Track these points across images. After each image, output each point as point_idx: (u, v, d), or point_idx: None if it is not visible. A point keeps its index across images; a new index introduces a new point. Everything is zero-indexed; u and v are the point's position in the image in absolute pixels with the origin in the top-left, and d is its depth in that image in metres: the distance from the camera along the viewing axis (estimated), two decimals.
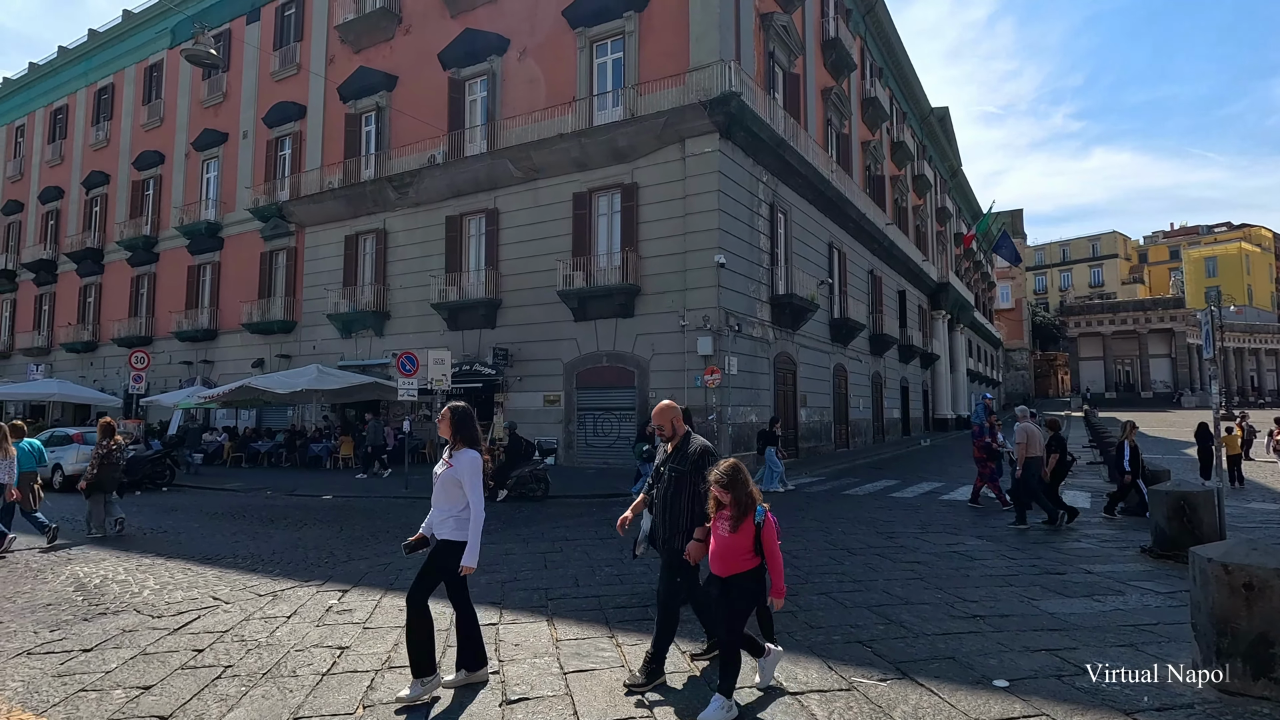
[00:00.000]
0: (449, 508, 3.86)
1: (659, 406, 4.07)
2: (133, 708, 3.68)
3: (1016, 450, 8.90)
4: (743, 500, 3.41)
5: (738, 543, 3.44)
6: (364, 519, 10.33)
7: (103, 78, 31.56)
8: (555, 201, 19.19)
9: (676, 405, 4.11)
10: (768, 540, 3.46)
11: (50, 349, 31.30)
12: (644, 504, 4.38)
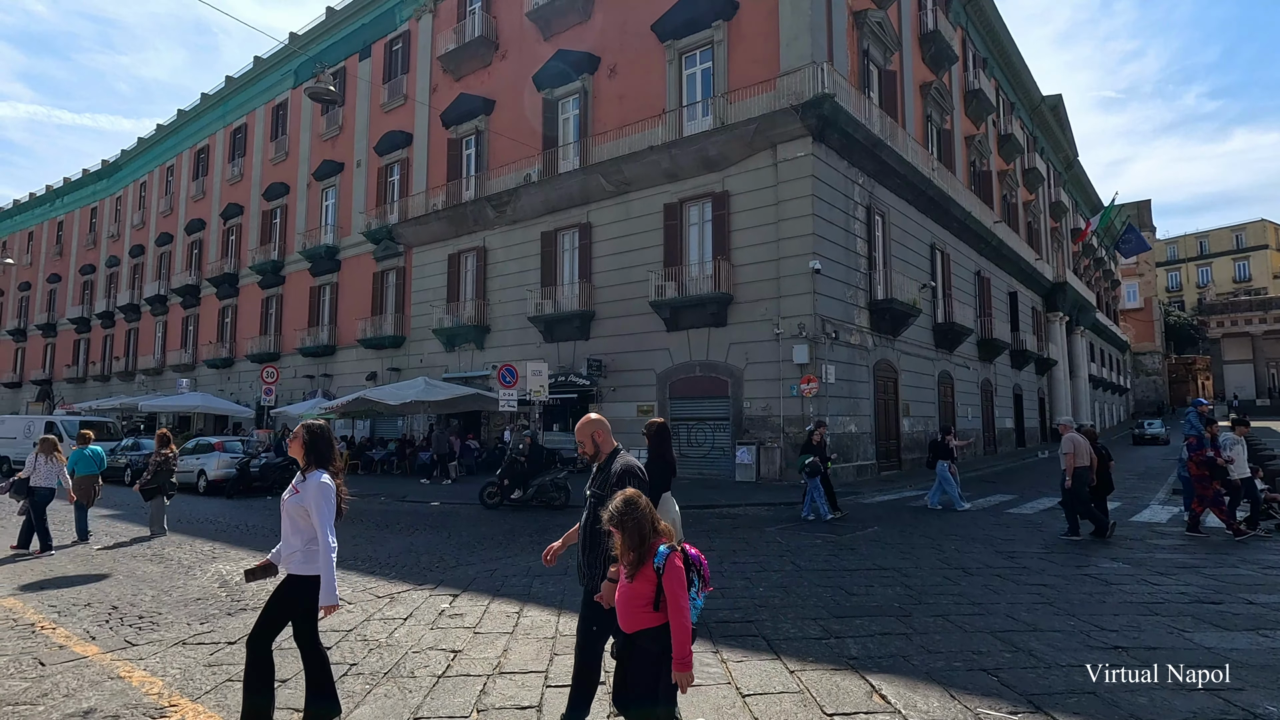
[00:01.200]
0: (296, 539, 3.49)
1: (580, 420, 3.64)
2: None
3: (1064, 460, 8.95)
4: (636, 540, 2.79)
5: (636, 591, 2.82)
6: (469, 525, 10.74)
7: (237, 119, 34.86)
8: (646, 213, 19.38)
9: (601, 419, 3.62)
10: (669, 590, 2.75)
11: (195, 365, 34.70)
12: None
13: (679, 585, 2.76)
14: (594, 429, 3.57)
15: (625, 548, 2.82)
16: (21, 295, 50.39)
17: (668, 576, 2.75)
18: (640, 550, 2.80)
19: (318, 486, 3.46)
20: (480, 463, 20.96)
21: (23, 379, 48.25)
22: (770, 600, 5.81)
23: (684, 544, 2.92)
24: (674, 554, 2.79)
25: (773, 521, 10.64)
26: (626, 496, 2.88)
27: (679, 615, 2.74)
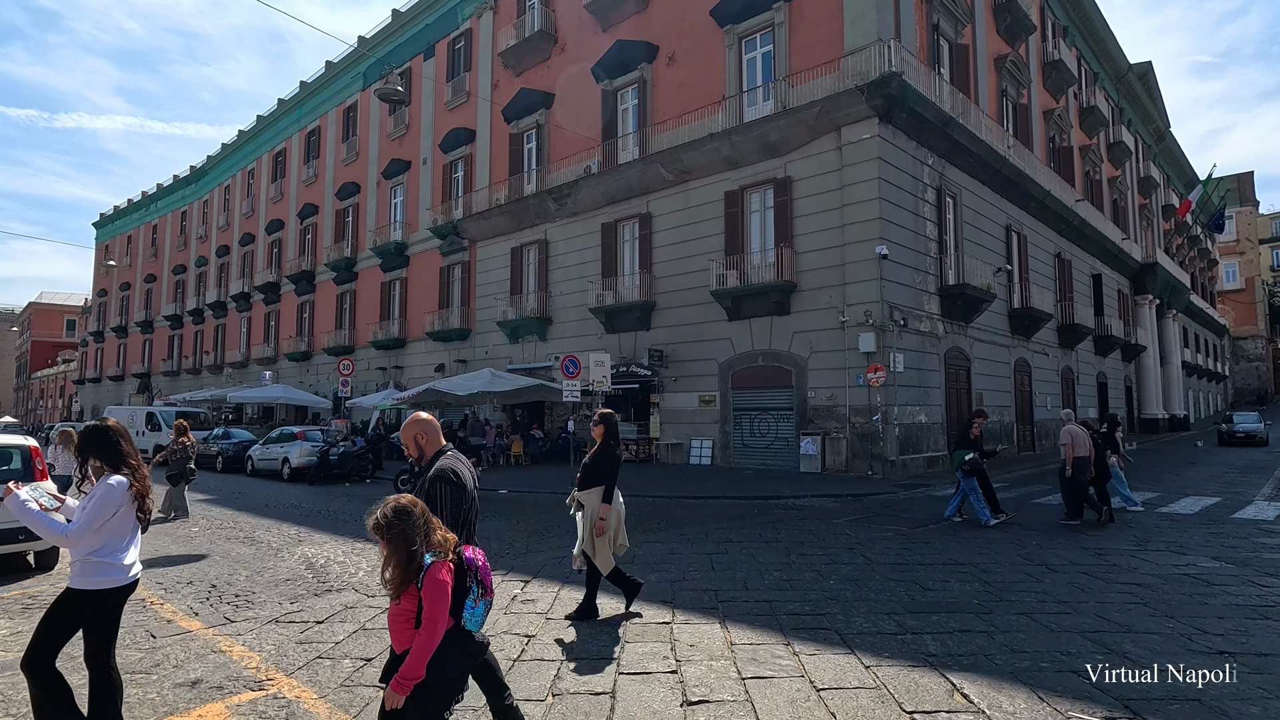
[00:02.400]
0: (80, 549, 3.18)
1: (406, 420, 3.37)
2: (359, 676, 4.16)
3: (1064, 450, 9.41)
4: (404, 553, 2.51)
5: (403, 607, 2.57)
6: (536, 513, 10.96)
7: (311, 122, 36.39)
8: (706, 202, 19.22)
9: (426, 420, 3.33)
10: (424, 602, 2.50)
11: (276, 359, 36.59)
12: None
13: (434, 598, 2.50)
14: (416, 430, 3.29)
15: (389, 560, 2.54)
16: (122, 295, 54.26)
17: (425, 588, 2.51)
18: (408, 564, 2.53)
19: (104, 491, 3.12)
20: (544, 452, 21.37)
21: (125, 372, 52.02)
22: (841, 593, 5.71)
23: (464, 547, 2.70)
24: (438, 564, 2.54)
25: (840, 513, 10.43)
26: (399, 504, 2.60)
27: (427, 630, 2.49)
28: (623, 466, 15.32)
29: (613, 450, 5.35)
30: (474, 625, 2.69)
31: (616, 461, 5.36)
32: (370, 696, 3.84)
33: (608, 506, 5.18)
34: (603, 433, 5.37)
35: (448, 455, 3.20)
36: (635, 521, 9.83)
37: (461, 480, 3.08)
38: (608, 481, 5.21)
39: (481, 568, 2.70)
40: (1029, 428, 22.36)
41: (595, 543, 5.17)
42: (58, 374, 70.45)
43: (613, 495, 5.24)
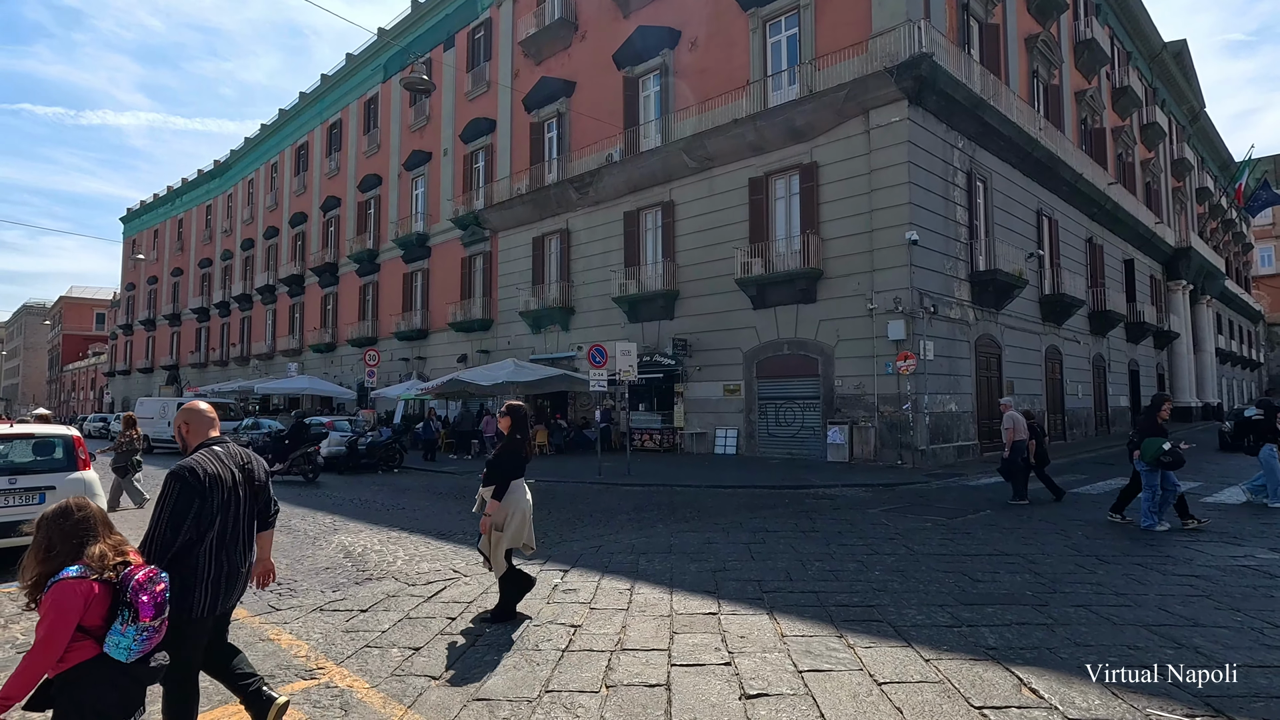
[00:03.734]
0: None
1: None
2: (409, 665, 4.13)
3: (1005, 435, 10.18)
4: (42, 554, 2.27)
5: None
6: (567, 503, 10.94)
7: (333, 115, 36.55)
8: (730, 189, 19.00)
9: (194, 409, 3.09)
10: (40, 620, 2.19)
11: (301, 350, 37.00)
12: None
13: (46, 617, 2.17)
14: (182, 419, 3.06)
15: (29, 560, 2.26)
16: (150, 289, 55.14)
17: (41, 604, 2.19)
18: (38, 571, 2.25)
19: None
20: (569, 442, 21.38)
21: (154, 365, 52.95)
22: (888, 585, 5.59)
23: (137, 567, 2.38)
24: (69, 581, 2.21)
25: (874, 503, 10.28)
26: (65, 503, 2.34)
27: (33, 650, 2.16)
28: (649, 456, 15.30)
29: (516, 445, 5.02)
30: (119, 654, 2.30)
31: (517, 456, 4.99)
32: (423, 687, 3.81)
33: (495, 503, 4.87)
34: (509, 425, 5.06)
35: (203, 450, 2.91)
36: (666, 511, 9.79)
37: (200, 481, 2.74)
38: (498, 477, 4.88)
39: (135, 588, 2.31)
40: (1060, 416, 21.95)
41: (491, 541, 4.90)
42: (88, 366, 71.93)
43: (505, 492, 4.88)
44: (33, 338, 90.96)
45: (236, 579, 2.98)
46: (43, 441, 7.31)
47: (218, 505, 2.83)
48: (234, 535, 2.93)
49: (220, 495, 2.84)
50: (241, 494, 2.97)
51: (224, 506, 2.86)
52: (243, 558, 3.01)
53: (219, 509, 2.83)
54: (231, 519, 2.91)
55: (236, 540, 2.94)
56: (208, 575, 2.82)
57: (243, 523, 2.99)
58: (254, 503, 3.09)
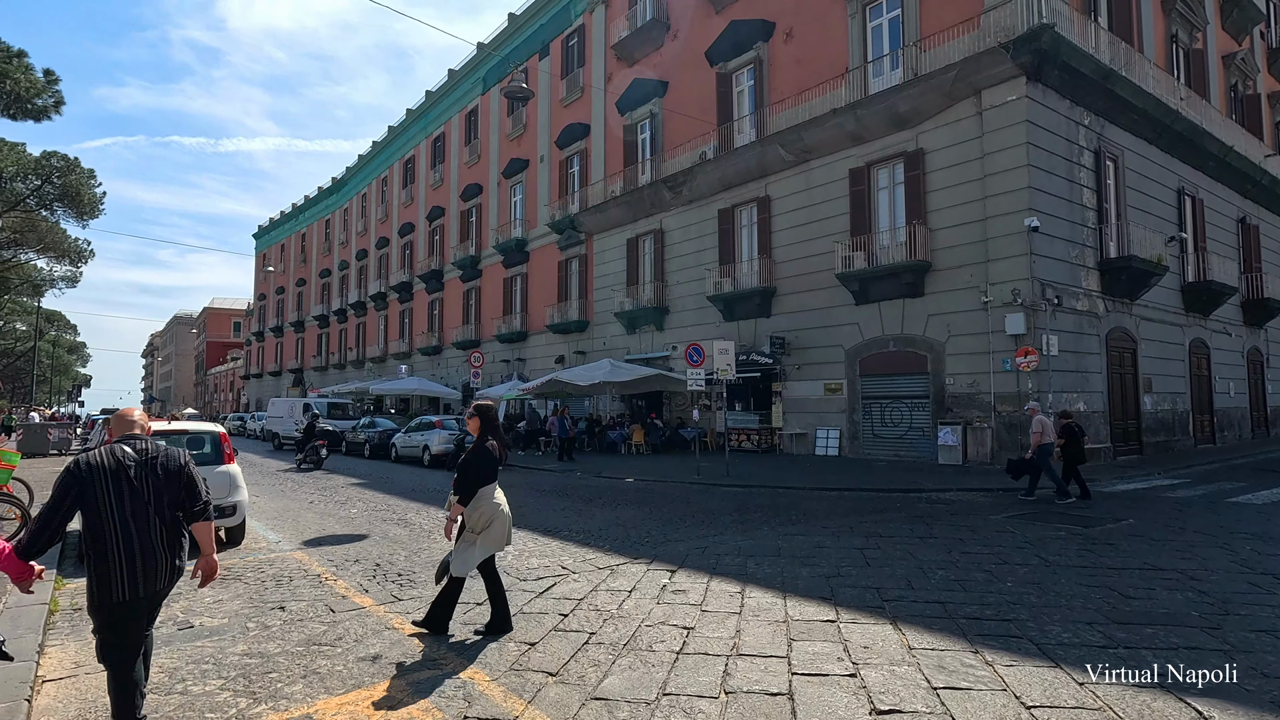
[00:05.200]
0: None
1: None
2: (525, 661, 4.18)
3: (1033, 438, 10.56)
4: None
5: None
6: (667, 503, 10.89)
7: (436, 128, 38.40)
8: (829, 181, 18.39)
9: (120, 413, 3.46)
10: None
11: (410, 353, 39.09)
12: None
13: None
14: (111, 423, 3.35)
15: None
16: (278, 298, 60.04)
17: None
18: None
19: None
20: (664, 441, 21.38)
21: (282, 368, 57.60)
22: (1024, 598, 5.15)
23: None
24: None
25: (995, 508, 9.59)
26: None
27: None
28: (746, 457, 15.01)
29: (483, 446, 4.78)
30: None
31: (487, 459, 4.73)
32: (540, 683, 3.84)
33: (460, 506, 4.65)
34: (477, 426, 4.88)
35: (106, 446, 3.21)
36: (769, 513, 9.54)
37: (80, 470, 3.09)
38: (465, 485, 4.65)
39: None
40: (1208, 417, 19.77)
41: (458, 544, 4.69)
42: (228, 370, 79.22)
43: (471, 495, 4.65)
44: (182, 345, 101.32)
45: (155, 565, 3.16)
46: (195, 437, 8.03)
47: (105, 493, 3.09)
48: (141, 523, 3.13)
49: (105, 484, 3.10)
50: (141, 485, 3.17)
51: (117, 495, 3.11)
52: (161, 546, 3.19)
53: (108, 497, 3.09)
54: (133, 507, 3.13)
55: (146, 528, 3.15)
56: (119, 560, 3.07)
57: (150, 512, 3.18)
58: (168, 493, 3.25)
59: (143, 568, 3.12)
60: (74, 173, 33.42)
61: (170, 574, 3.26)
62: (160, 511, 3.23)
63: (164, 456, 3.33)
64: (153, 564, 3.16)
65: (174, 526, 3.30)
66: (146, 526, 3.16)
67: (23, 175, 31.98)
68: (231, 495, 7.71)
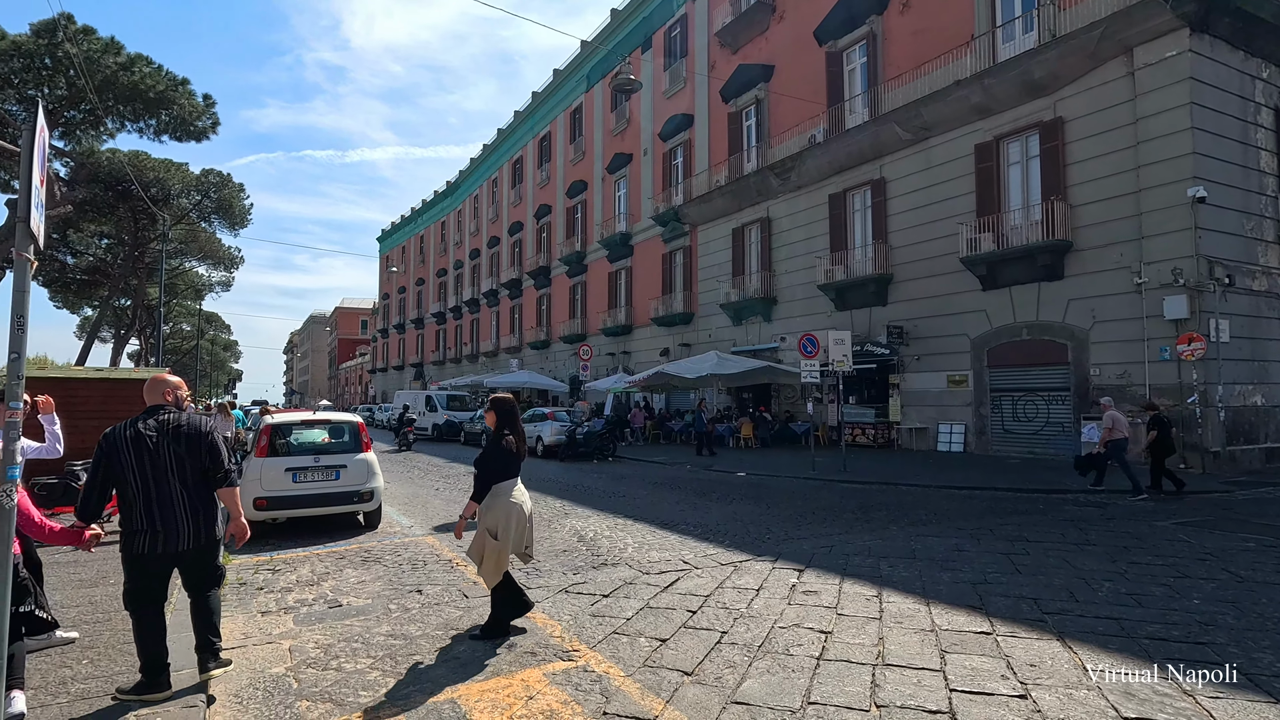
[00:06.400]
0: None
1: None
2: (658, 657, 4.09)
3: (1104, 434, 10.44)
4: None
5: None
6: (784, 499, 10.57)
7: (543, 129, 39.43)
8: (951, 159, 17.20)
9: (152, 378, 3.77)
10: None
11: (520, 347, 40.50)
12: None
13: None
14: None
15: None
16: (400, 297, 64.02)
17: None
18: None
19: None
20: (774, 435, 20.88)
21: (404, 363, 61.42)
22: (1218, 618, 4.50)
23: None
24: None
25: (1160, 514, 8.57)
26: None
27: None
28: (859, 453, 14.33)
29: (500, 442, 4.57)
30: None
31: (504, 454, 4.55)
32: (677, 682, 3.74)
33: (474, 505, 4.49)
34: (494, 421, 4.66)
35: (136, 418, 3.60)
36: (896, 512, 9.02)
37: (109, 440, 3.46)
38: (480, 480, 4.48)
39: None
40: None
41: (484, 548, 4.44)
42: (356, 365, 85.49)
43: (484, 493, 4.47)
44: (317, 342, 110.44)
45: (175, 527, 3.46)
46: (337, 427, 8.59)
47: (130, 459, 3.43)
48: (161, 487, 3.46)
49: (127, 453, 3.43)
50: (161, 453, 3.49)
51: (138, 462, 3.44)
52: (183, 508, 3.49)
53: (135, 462, 3.43)
54: (153, 474, 3.46)
55: (167, 492, 3.47)
56: (141, 521, 3.43)
57: (173, 476, 3.49)
58: (190, 459, 3.54)
59: (163, 528, 3.44)
60: (227, 187, 37.07)
61: (194, 536, 3.53)
62: (183, 477, 3.53)
63: (187, 426, 3.63)
64: (173, 526, 3.47)
65: (198, 491, 3.58)
66: (167, 491, 3.48)
67: (187, 191, 35.83)
68: (369, 481, 8.18)
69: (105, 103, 19.74)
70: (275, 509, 7.68)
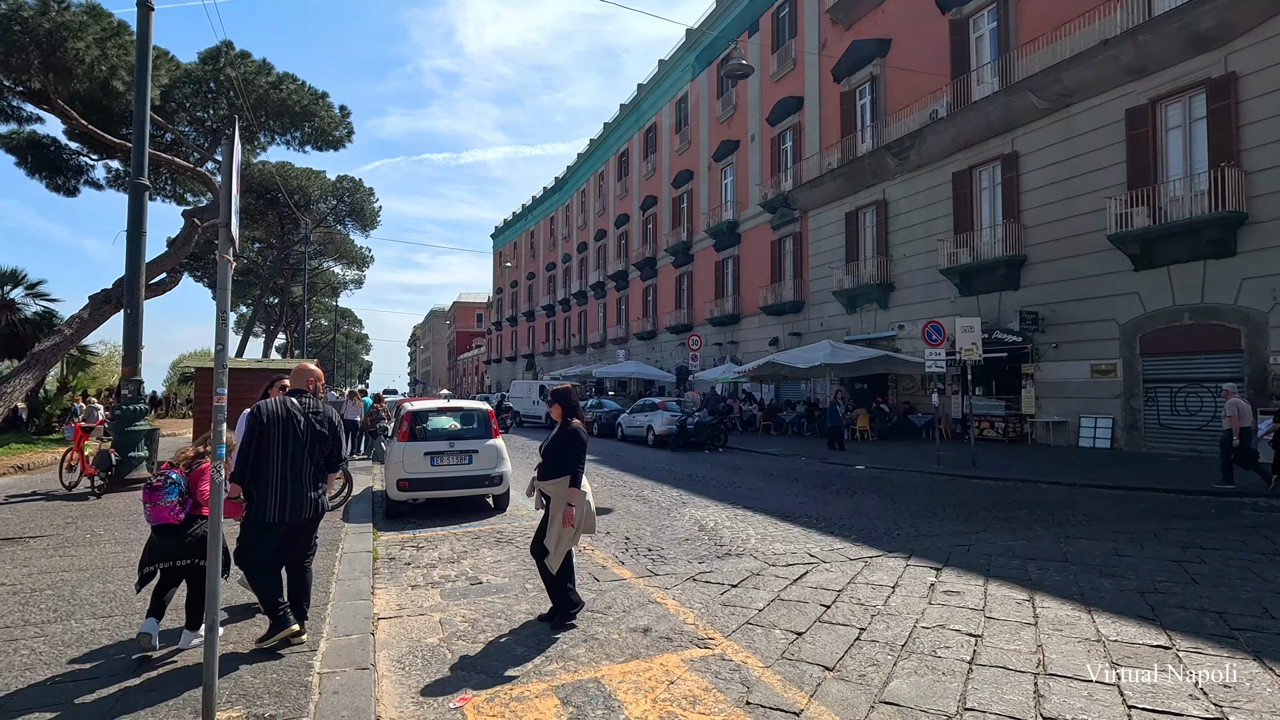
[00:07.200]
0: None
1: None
2: (796, 650, 4.03)
3: (1228, 421, 9.83)
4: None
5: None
6: (909, 494, 10.10)
7: (648, 120, 39.61)
8: (1096, 126, 15.68)
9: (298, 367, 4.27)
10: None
11: (627, 338, 41.07)
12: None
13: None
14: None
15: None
16: (512, 291, 66.65)
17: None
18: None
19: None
20: (891, 427, 20.00)
21: (517, 354, 63.97)
22: None
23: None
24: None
25: None
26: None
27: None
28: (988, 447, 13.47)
29: (574, 431, 4.60)
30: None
31: (581, 442, 4.58)
32: (819, 677, 3.66)
33: (576, 491, 4.48)
34: (560, 412, 4.69)
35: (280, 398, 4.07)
36: (1038, 511, 8.39)
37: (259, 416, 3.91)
38: (574, 466, 4.50)
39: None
40: None
41: (559, 535, 4.46)
42: (473, 357, 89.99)
43: (580, 480, 4.52)
44: (437, 335, 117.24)
45: (302, 500, 3.92)
46: (468, 414, 9.07)
47: (275, 435, 3.85)
48: (295, 464, 3.91)
49: (276, 429, 3.88)
50: (302, 433, 3.95)
51: (283, 438, 3.89)
52: (308, 484, 3.95)
53: (277, 439, 3.86)
54: (293, 450, 3.91)
55: (300, 469, 3.91)
56: (275, 490, 3.85)
57: (304, 456, 3.94)
58: (315, 444, 4.01)
59: (292, 499, 3.89)
60: (359, 192, 39.99)
61: (313, 508, 4.00)
62: (313, 456, 4.01)
63: (323, 413, 4.11)
64: (300, 498, 3.92)
65: (319, 471, 4.05)
66: (300, 467, 3.93)
67: (324, 196, 39.00)
68: (499, 466, 8.59)
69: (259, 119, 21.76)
70: (416, 490, 8.23)
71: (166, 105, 20.29)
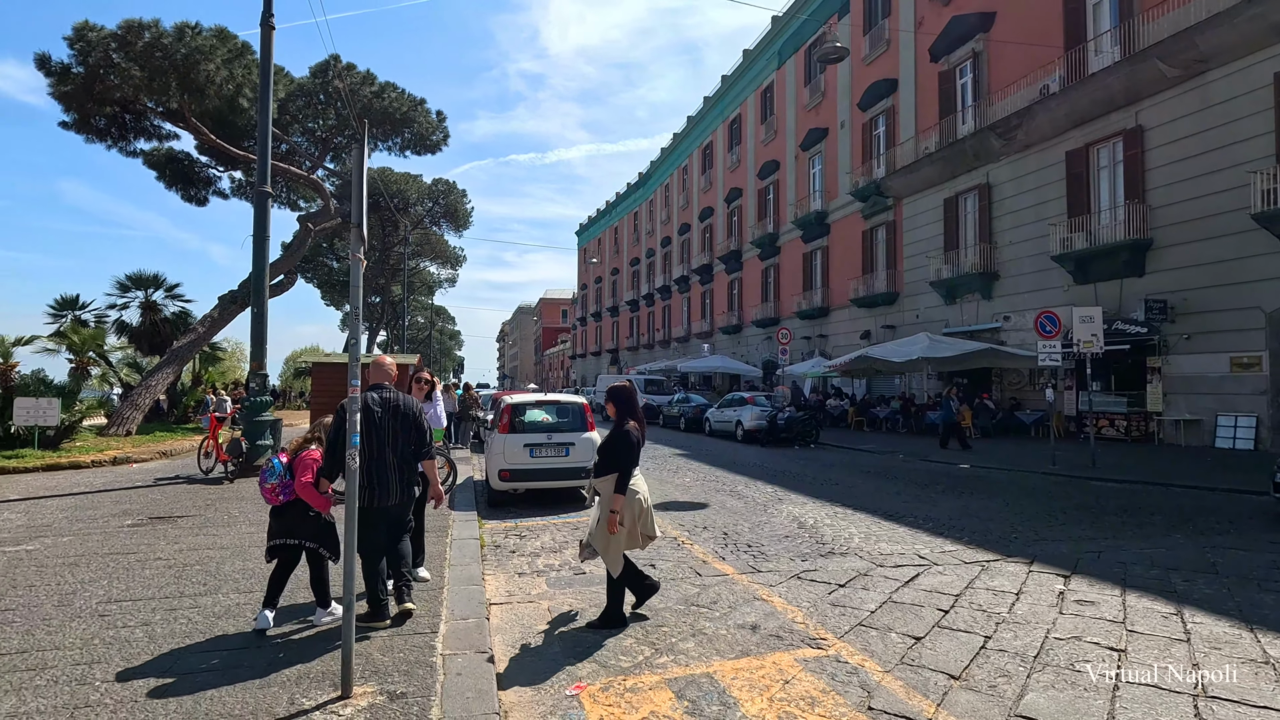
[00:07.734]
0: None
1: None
2: (915, 656, 3.85)
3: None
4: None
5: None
6: (1022, 495, 9.50)
7: (732, 112, 39.11)
8: (1237, 94, 14.21)
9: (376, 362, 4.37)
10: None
11: (712, 332, 40.82)
12: None
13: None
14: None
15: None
16: (597, 287, 67.63)
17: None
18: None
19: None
20: (996, 424, 18.91)
21: (601, 349, 64.90)
22: None
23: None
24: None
25: None
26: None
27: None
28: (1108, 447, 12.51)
29: (627, 430, 4.43)
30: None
31: (631, 444, 4.39)
32: (944, 685, 3.48)
33: (620, 497, 4.31)
34: (615, 411, 4.58)
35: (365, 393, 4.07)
36: (1176, 518, 7.70)
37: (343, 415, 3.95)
38: (622, 467, 4.34)
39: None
40: None
41: (608, 540, 4.34)
42: (558, 352, 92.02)
43: (627, 484, 4.34)
44: (524, 331, 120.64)
45: (387, 486, 4.12)
46: (564, 407, 9.24)
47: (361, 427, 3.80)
48: (380, 454, 4.09)
49: (362, 420, 3.83)
50: (383, 425, 4.12)
51: (367, 430, 4.01)
52: (394, 473, 4.14)
53: (364, 429, 3.92)
54: (378, 441, 4.08)
55: (384, 458, 4.11)
56: (364, 477, 3.98)
57: (389, 446, 4.12)
58: (402, 433, 4.17)
59: (378, 487, 4.09)
60: (453, 194, 41.66)
61: (401, 495, 4.19)
62: (395, 447, 4.16)
63: (404, 405, 4.25)
64: (385, 486, 4.12)
65: (405, 460, 4.20)
66: (382, 457, 4.11)
67: (421, 199, 40.86)
68: (594, 458, 8.69)
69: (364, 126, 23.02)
70: (516, 481, 8.47)
71: (282, 117, 21.82)
